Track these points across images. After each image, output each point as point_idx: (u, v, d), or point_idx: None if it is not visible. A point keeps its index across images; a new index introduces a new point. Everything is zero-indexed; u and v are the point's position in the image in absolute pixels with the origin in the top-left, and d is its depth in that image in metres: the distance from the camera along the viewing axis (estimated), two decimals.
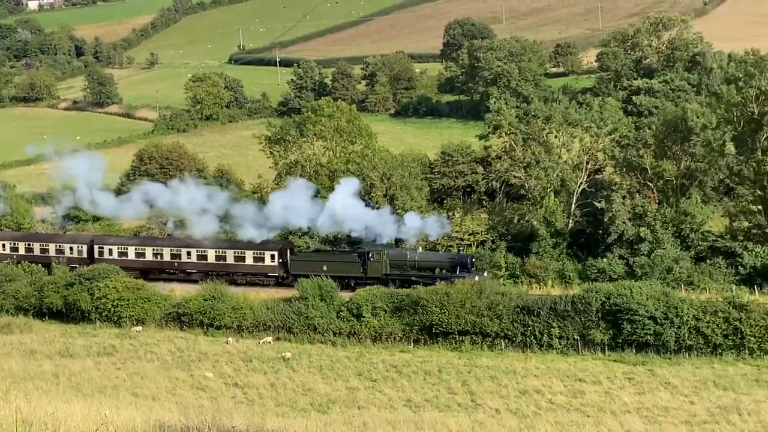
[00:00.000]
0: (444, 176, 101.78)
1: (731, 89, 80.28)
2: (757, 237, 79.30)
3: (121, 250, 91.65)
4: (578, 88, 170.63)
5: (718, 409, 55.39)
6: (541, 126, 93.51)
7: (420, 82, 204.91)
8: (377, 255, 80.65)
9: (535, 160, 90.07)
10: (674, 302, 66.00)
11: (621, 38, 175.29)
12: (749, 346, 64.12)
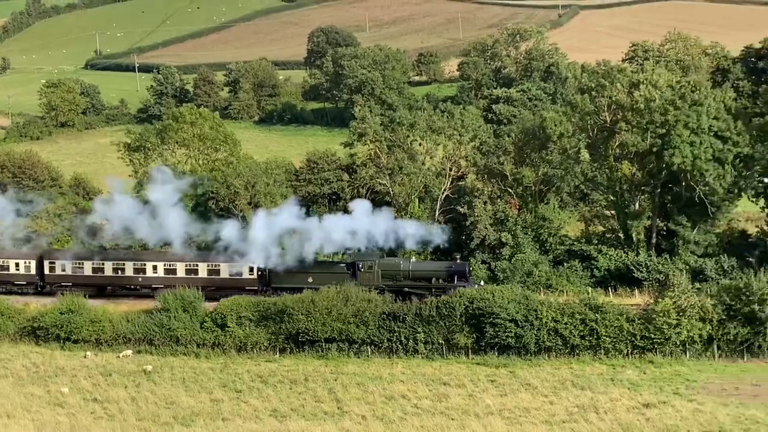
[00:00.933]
0: (310, 183, 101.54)
1: (585, 99, 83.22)
2: (611, 241, 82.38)
3: (76, 265, 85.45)
4: (441, 96, 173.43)
5: (576, 408, 57.21)
6: (406, 133, 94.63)
7: (284, 89, 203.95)
8: (369, 265, 77.41)
9: (399, 167, 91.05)
10: (534, 305, 67.80)
11: (481, 48, 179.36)
12: (605, 347, 66.47)
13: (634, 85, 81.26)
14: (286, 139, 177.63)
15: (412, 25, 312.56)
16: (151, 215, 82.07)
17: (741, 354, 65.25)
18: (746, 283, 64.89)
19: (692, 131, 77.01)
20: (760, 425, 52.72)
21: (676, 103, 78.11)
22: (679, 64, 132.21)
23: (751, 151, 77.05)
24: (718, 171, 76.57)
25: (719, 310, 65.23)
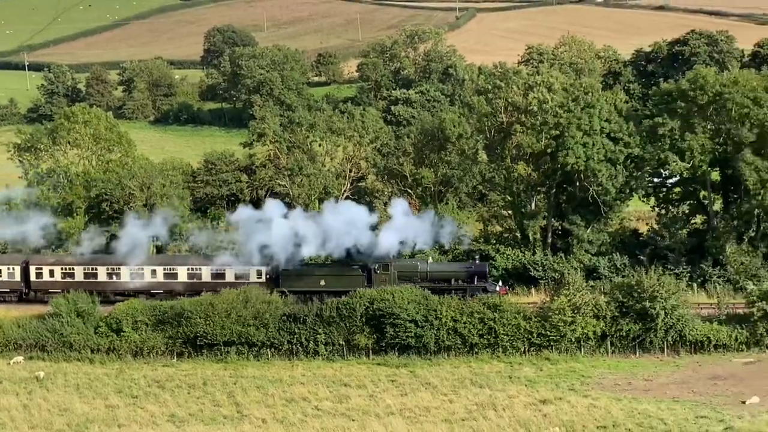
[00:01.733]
0: (207, 185, 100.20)
1: (481, 100, 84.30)
2: (508, 240, 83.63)
3: (65, 271, 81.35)
4: (340, 97, 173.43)
5: (476, 406, 57.91)
6: (305, 134, 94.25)
7: (180, 89, 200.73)
8: (385, 267, 75.33)
9: (299, 168, 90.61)
10: (434, 305, 68.34)
11: (380, 49, 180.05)
12: (502, 345, 67.49)
13: (529, 87, 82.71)
14: (183, 139, 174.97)
15: (311, 25, 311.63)
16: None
17: (633, 349, 67.14)
18: (638, 281, 66.77)
19: (585, 133, 78.84)
20: (652, 419, 54.30)
21: (570, 106, 79.85)
22: (572, 66, 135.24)
23: (641, 152, 79.27)
24: (610, 171, 78.52)
25: (612, 308, 66.99)
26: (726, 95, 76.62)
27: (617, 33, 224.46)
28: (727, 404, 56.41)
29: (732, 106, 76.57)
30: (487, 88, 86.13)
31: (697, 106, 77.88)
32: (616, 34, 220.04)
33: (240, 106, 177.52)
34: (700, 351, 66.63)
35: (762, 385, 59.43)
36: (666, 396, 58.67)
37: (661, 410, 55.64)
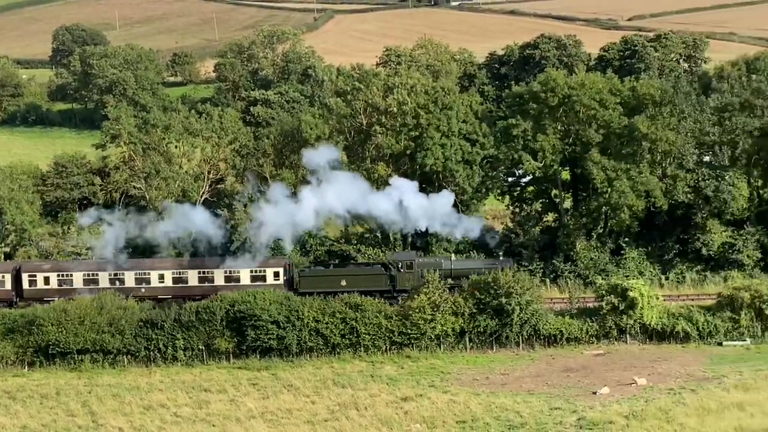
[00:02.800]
0: (58, 188, 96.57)
1: (340, 102, 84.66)
2: (370, 240, 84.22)
3: (62, 278, 76.04)
4: (197, 97, 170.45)
5: (338, 406, 58.07)
6: (161, 135, 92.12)
7: (28, 89, 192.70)
8: (409, 265, 73.40)
9: (156, 170, 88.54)
10: (296, 306, 68.16)
11: (237, 49, 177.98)
12: (364, 344, 67.98)
13: (389, 89, 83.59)
14: (31, 141, 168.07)
15: (165, 24, 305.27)
16: None
17: (490, 345, 68.85)
18: (494, 278, 68.46)
19: (443, 134, 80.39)
20: (509, 412, 55.79)
21: (429, 107, 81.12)
22: (430, 69, 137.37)
23: (496, 152, 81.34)
24: (467, 172, 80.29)
25: (470, 304, 68.47)
26: (574, 97, 79.61)
27: (471, 36, 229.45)
28: (579, 395, 58.53)
29: (580, 107, 79.61)
30: (346, 90, 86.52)
31: (548, 107, 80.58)
32: (471, 37, 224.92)
33: (92, 106, 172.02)
34: (553, 344, 68.94)
35: (611, 376, 61.99)
36: (522, 389, 60.41)
37: (517, 403, 57.25)
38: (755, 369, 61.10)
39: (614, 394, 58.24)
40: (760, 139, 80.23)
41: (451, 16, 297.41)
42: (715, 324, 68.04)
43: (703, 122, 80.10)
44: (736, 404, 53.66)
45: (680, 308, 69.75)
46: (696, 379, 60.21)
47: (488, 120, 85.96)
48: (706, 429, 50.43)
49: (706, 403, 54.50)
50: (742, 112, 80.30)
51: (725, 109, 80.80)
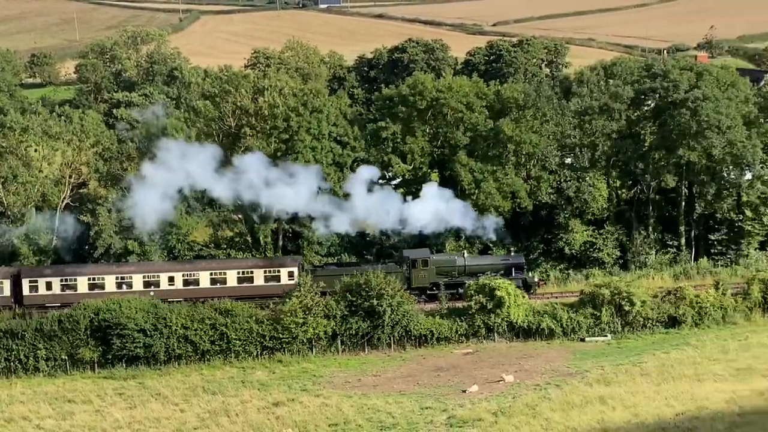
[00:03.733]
0: None
1: (208, 104, 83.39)
2: (239, 245, 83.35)
3: (65, 283, 71.94)
4: (57, 99, 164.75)
5: (208, 413, 57.15)
6: (19, 138, 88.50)
7: None
8: (424, 262, 73.48)
9: (13, 175, 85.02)
10: (163, 313, 66.74)
11: (99, 50, 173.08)
12: (235, 350, 67.10)
13: (258, 91, 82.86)
14: None
15: (23, 23, 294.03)
16: None
17: (362, 347, 69.08)
18: (366, 280, 68.75)
19: (314, 137, 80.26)
20: (381, 413, 56.11)
21: (299, 110, 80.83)
22: (299, 71, 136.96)
23: (366, 155, 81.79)
24: (338, 174, 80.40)
25: (342, 307, 68.53)
26: (442, 100, 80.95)
27: (340, 39, 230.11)
28: (449, 394, 59.40)
29: (448, 110, 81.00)
30: (214, 92, 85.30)
31: (417, 110, 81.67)
32: (339, 40, 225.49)
33: None
34: (424, 345, 69.71)
35: (480, 374, 63.19)
36: (393, 390, 60.87)
37: (389, 404, 57.64)
38: (616, 363, 63.40)
39: (483, 392, 59.35)
40: (617, 142, 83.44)
41: (320, 19, 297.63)
42: (577, 321, 70.25)
43: (564, 125, 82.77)
44: (599, 398, 55.55)
45: (545, 306, 71.70)
46: (561, 375, 62.01)
47: (358, 122, 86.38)
48: (570, 423, 51.97)
49: (570, 397, 56.21)
50: (600, 115, 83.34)
51: (585, 113, 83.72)
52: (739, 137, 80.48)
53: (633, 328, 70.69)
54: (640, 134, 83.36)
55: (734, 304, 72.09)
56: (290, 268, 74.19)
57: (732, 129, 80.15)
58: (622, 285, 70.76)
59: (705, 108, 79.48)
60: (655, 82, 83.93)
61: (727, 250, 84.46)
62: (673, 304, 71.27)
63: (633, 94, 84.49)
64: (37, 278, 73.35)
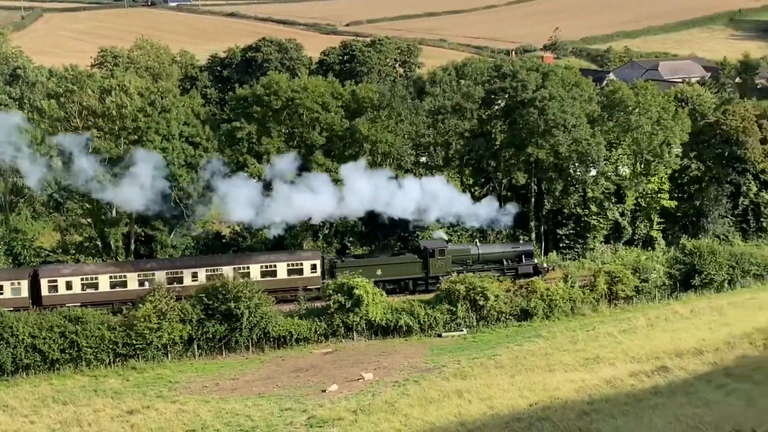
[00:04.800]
0: None
1: (53, 104, 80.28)
2: (89, 249, 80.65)
3: (86, 282, 70.44)
4: None
5: (59, 424, 55.07)
6: None
7: None
8: (441, 251, 75.87)
9: None
10: (9, 322, 63.86)
11: None
12: (86, 358, 64.90)
13: (105, 91, 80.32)
14: None
15: None
16: None
17: (220, 350, 68.08)
18: (222, 283, 67.82)
19: (164, 137, 78.44)
20: (240, 416, 55.43)
21: (147, 110, 78.83)
22: (149, 71, 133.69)
23: (220, 155, 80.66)
24: (191, 175, 78.97)
25: (198, 311, 67.34)
26: (297, 100, 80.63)
27: (192, 38, 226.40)
28: (309, 394, 59.27)
29: (303, 110, 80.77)
30: (59, 92, 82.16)
31: (272, 110, 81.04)
32: (191, 38, 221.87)
33: None
34: (283, 346, 69.35)
35: (340, 373, 63.33)
36: (252, 393, 60.25)
37: (248, 407, 57.00)
38: (472, 357, 64.81)
39: (342, 391, 59.51)
40: (470, 140, 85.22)
41: (170, 17, 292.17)
42: (434, 317, 71.42)
43: (418, 124, 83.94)
44: (456, 392, 56.60)
45: (403, 303, 72.55)
46: (419, 371, 62.87)
47: (212, 123, 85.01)
48: (428, 417, 52.72)
49: (428, 392, 57.04)
50: (453, 114, 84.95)
51: (438, 112, 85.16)
52: (584, 135, 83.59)
53: (488, 322, 72.46)
54: (492, 133, 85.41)
55: (582, 296, 75.01)
56: (312, 261, 75.25)
57: (577, 127, 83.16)
58: (476, 281, 72.40)
59: (551, 107, 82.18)
60: (504, 83, 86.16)
61: (574, 244, 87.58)
62: (525, 297, 73.48)
63: (484, 93, 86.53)
64: (56, 278, 71.40)
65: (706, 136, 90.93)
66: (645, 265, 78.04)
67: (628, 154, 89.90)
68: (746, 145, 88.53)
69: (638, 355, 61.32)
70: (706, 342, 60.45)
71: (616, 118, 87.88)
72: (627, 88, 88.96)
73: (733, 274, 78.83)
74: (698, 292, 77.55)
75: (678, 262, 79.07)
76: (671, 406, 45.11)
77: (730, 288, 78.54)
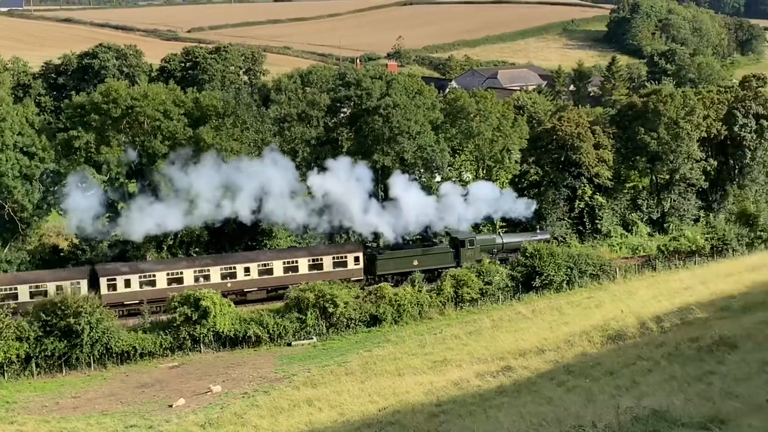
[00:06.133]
0: None
1: None
2: None
3: (144, 279, 71.62)
4: None
5: None
6: None
7: None
8: (470, 241, 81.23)
9: None
10: None
11: None
12: None
13: None
14: None
15: None
16: None
17: (60, 368, 65.45)
18: (62, 299, 65.28)
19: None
20: None
21: None
22: None
23: (57, 166, 77.68)
24: (26, 187, 75.68)
25: (36, 328, 64.52)
26: (138, 108, 78.53)
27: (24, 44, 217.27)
28: (155, 410, 57.70)
29: (144, 118, 78.75)
30: None
31: (111, 119, 78.62)
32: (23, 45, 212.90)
33: None
34: (127, 361, 67.31)
35: (187, 387, 62.01)
36: (95, 410, 58.14)
37: (91, 425, 54.96)
38: (322, 365, 64.77)
39: (190, 405, 58.28)
40: (317, 148, 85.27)
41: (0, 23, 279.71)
42: (284, 326, 71.00)
43: (264, 132, 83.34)
44: (306, 400, 56.37)
45: (251, 313, 71.80)
46: (268, 381, 62.31)
47: (47, 132, 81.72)
48: (279, 428, 52.26)
49: (278, 402, 56.58)
50: (299, 122, 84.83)
51: (284, 120, 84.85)
52: (428, 142, 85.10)
53: (337, 330, 72.63)
54: (338, 140, 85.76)
55: (429, 300, 76.26)
56: (356, 254, 78.56)
57: (421, 134, 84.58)
58: (326, 288, 72.44)
59: (396, 115, 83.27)
60: (349, 91, 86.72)
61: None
62: (373, 303, 74.09)
63: (329, 101, 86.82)
64: (115, 276, 72.06)
65: (544, 142, 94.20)
66: (488, 267, 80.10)
67: (471, 160, 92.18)
68: (581, 150, 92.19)
69: (484, 356, 62.71)
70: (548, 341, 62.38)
71: (458, 125, 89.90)
72: (468, 95, 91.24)
73: (571, 274, 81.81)
74: (539, 292, 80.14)
75: (519, 264, 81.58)
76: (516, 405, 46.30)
77: (569, 288, 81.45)
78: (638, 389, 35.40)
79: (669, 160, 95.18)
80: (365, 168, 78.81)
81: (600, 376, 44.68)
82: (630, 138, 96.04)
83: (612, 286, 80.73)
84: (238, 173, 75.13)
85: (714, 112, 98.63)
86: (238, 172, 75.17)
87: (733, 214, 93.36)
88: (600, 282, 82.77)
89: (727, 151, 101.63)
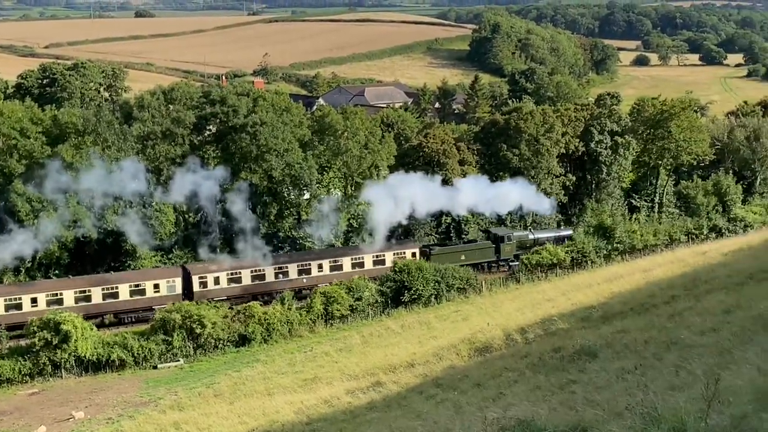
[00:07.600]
0: None
1: None
2: None
3: (231, 276, 77.39)
4: None
5: None
6: None
7: None
8: (509, 237, 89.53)
9: None
10: None
11: None
12: None
13: None
14: None
15: None
16: None
17: None
18: None
19: None
20: None
21: None
22: None
23: None
24: None
25: None
26: None
27: None
28: None
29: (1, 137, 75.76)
30: None
31: None
32: None
33: None
34: None
35: (48, 414, 59.67)
36: None
37: None
38: (189, 387, 63.46)
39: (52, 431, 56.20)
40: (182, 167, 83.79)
41: None
42: (149, 348, 69.26)
43: (127, 150, 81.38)
44: (173, 424, 55.00)
45: (115, 336, 69.79)
46: (133, 405, 60.60)
47: None
48: None
49: (143, 427, 55.03)
50: (164, 140, 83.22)
51: (148, 138, 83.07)
52: (296, 159, 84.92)
53: (205, 351, 71.32)
54: (205, 158, 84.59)
55: (299, 318, 75.87)
56: (413, 249, 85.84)
57: (289, 152, 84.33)
58: (193, 309, 71.11)
59: (263, 132, 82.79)
60: (215, 108, 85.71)
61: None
62: (242, 323, 73.15)
63: (195, 119, 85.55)
64: (205, 274, 77.28)
65: (411, 158, 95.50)
66: (358, 283, 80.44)
67: (339, 177, 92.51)
68: (447, 166, 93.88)
69: (354, 372, 62.80)
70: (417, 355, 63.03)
71: (326, 142, 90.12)
72: (336, 113, 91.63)
73: (439, 288, 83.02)
74: (408, 307, 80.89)
75: (389, 279, 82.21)
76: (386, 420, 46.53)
77: (437, 302, 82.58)
78: (505, 400, 36.13)
79: (531, 176, 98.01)
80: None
81: (468, 388, 45.37)
82: (493, 154, 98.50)
83: (478, 299, 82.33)
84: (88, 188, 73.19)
85: (572, 129, 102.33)
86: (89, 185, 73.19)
87: (591, 227, 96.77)
88: (467, 296, 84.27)
89: (585, 166, 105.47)
